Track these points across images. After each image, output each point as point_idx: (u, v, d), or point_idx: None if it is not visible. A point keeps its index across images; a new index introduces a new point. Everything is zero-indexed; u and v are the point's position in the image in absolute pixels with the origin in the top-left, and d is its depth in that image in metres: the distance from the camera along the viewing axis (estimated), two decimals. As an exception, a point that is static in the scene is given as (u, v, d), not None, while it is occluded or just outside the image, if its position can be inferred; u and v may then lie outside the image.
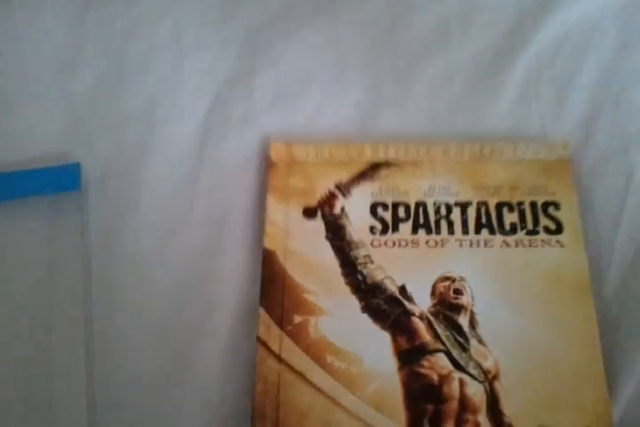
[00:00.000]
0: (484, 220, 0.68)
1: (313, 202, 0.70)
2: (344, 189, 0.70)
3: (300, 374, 0.62)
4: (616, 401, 0.61)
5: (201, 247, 0.69)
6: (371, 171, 0.71)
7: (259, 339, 0.64)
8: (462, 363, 0.62)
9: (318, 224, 0.69)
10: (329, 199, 0.70)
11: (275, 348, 0.63)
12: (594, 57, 0.76)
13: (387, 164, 0.72)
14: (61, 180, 0.71)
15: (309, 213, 0.69)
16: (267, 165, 0.72)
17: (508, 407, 0.60)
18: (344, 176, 0.71)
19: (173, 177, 0.73)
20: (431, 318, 0.64)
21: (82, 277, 0.68)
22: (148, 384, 0.64)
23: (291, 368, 0.63)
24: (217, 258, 0.69)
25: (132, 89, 0.78)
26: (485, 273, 0.66)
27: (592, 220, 0.68)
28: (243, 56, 0.79)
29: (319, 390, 0.62)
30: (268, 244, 0.68)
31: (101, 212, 0.71)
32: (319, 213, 0.69)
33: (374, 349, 0.63)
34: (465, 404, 0.61)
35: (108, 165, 0.74)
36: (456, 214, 0.69)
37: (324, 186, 0.71)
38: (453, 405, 0.61)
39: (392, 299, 0.65)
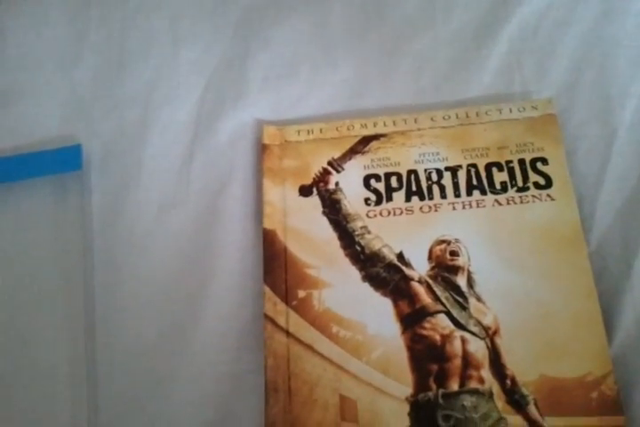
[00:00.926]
0: (474, 181, 0.70)
1: (308, 180, 0.72)
2: (337, 164, 0.72)
3: (308, 346, 0.65)
4: (612, 344, 0.62)
5: (197, 222, 0.73)
6: (361, 145, 0.73)
7: (266, 315, 0.66)
8: (463, 322, 0.64)
9: (314, 201, 0.71)
10: (323, 176, 0.72)
11: (282, 323, 0.66)
12: (576, 26, 0.77)
13: (376, 136, 0.73)
14: (64, 161, 0.76)
15: (305, 190, 0.72)
16: (260, 149, 0.74)
17: (509, 360, 0.62)
18: (336, 152, 0.73)
19: (170, 156, 0.77)
20: (430, 281, 0.66)
21: (84, 251, 0.72)
22: (147, 351, 0.68)
23: (299, 341, 0.65)
24: (212, 232, 0.72)
25: (131, 75, 0.82)
26: (480, 233, 0.67)
27: (577, 175, 0.69)
28: (235, 41, 0.82)
29: (327, 359, 0.64)
30: (268, 224, 0.70)
31: (103, 189, 0.75)
32: (314, 190, 0.71)
33: (377, 315, 0.65)
34: (468, 361, 0.62)
35: (108, 146, 0.78)
36: (447, 179, 0.70)
37: (318, 163, 0.73)
38: (457, 362, 0.62)
39: (391, 266, 0.67)
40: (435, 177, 0.70)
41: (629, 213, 0.67)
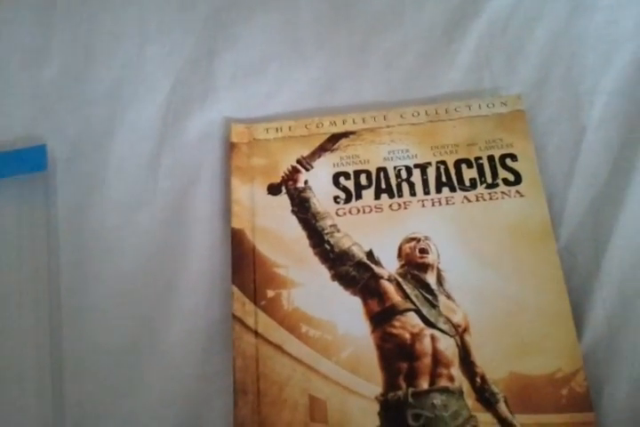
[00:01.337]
0: (444, 178, 0.69)
1: (276, 178, 0.71)
2: (306, 162, 0.72)
3: (277, 346, 0.64)
4: (581, 341, 0.62)
5: (164, 222, 0.72)
6: (330, 142, 0.73)
7: (234, 316, 0.65)
8: (432, 320, 0.63)
9: (283, 199, 0.70)
10: (292, 174, 0.71)
11: (250, 323, 0.65)
12: (545, 23, 0.77)
13: (345, 134, 0.73)
14: (29, 161, 0.75)
15: (274, 189, 0.71)
16: (228, 148, 0.74)
17: (479, 358, 0.62)
18: (305, 150, 0.72)
19: (137, 156, 0.76)
20: (399, 279, 0.65)
21: (50, 252, 0.71)
22: (114, 353, 0.67)
23: (267, 341, 0.64)
24: (179, 232, 0.71)
25: (98, 73, 0.81)
26: (449, 230, 0.67)
27: (546, 172, 0.69)
28: (203, 39, 0.81)
29: (296, 359, 0.63)
30: (236, 223, 0.69)
31: (69, 189, 0.74)
32: (283, 189, 0.71)
33: (347, 314, 0.64)
34: (438, 359, 0.62)
35: (75, 145, 0.77)
36: (416, 176, 0.70)
37: (287, 162, 0.72)
38: (427, 361, 0.62)
39: (360, 264, 0.66)
40: (404, 174, 0.70)
41: (599, 210, 0.67)
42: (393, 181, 0.70)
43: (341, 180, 0.70)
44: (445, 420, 0.59)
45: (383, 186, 0.70)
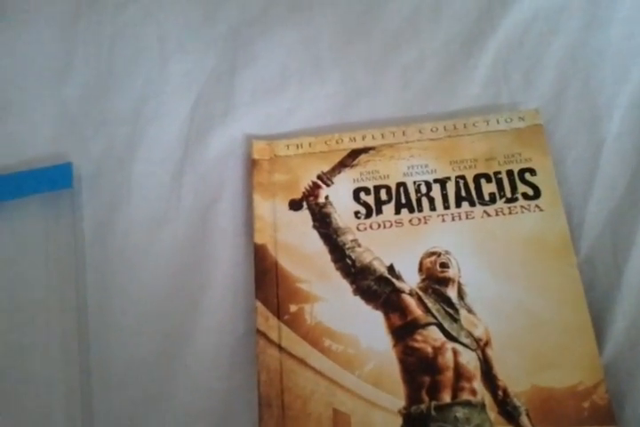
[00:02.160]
0: (463, 193, 0.70)
1: (297, 194, 0.72)
2: (326, 178, 0.73)
3: (301, 360, 0.65)
4: (602, 353, 0.62)
5: (188, 238, 0.73)
6: (350, 158, 0.74)
7: (258, 330, 0.66)
8: (454, 333, 0.64)
9: (305, 215, 0.71)
10: (313, 190, 0.72)
11: (274, 337, 0.66)
12: (561, 37, 0.77)
13: (365, 149, 0.74)
14: (54, 179, 0.76)
15: (295, 205, 0.72)
16: (250, 164, 0.75)
17: (501, 372, 0.62)
18: (325, 166, 0.73)
19: (161, 173, 0.77)
20: (420, 293, 0.66)
21: (76, 269, 0.72)
22: (140, 368, 0.68)
23: (291, 355, 0.65)
24: (203, 248, 0.72)
25: (121, 91, 0.82)
26: (469, 244, 0.67)
27: (565, 185, 0.70)
28: (223, 56, 0.83)
29: (320, 373, 0.64)
30: (258, 238, 0.70)
31: (94, 207, 0.75)
32: (304, 204, 0.72)
33: (369, 329, 0.65)
34: (460, 373, 0.62)
35: (99, 163, 0.78)
36: (436, 191, 0.70)
37: (307, 177, 0.73)
38: (449, 374, 0.62)
39: (382, 279, 0.67)
40: (424, 189, 0.71)
41: (618, 223, 0.68)
42: (413, 196, 0.70)
43: (362, 195, 0.71)
44: (468, 433, 0.60)
45: (403, 201, 0.70)
